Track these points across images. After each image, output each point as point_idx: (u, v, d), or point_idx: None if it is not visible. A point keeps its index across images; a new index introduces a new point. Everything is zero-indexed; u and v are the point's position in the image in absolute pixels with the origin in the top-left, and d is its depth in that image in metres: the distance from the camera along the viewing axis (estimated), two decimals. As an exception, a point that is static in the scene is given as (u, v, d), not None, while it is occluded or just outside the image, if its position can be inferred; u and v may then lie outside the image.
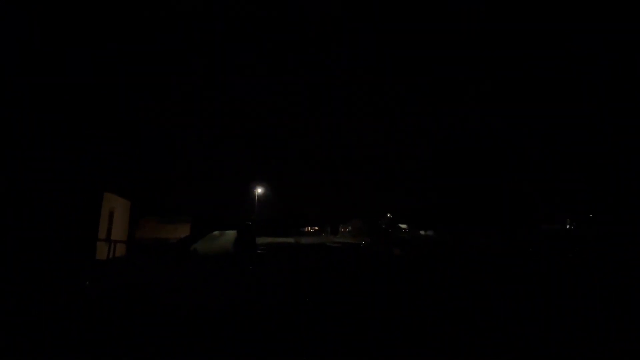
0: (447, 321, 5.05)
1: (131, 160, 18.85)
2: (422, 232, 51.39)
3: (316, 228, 70.52)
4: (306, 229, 66.91)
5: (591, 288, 7.43)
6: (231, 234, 6.66)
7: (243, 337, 4.25)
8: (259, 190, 36.58)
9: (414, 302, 6.33)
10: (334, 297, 6.22)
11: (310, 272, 8.92)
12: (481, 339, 4.31)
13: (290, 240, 29.58)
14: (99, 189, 11.60)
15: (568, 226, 41.67)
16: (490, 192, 38.56)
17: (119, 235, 13.76)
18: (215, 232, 7.10)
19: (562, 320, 5.10)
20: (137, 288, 4.99)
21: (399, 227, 61.52)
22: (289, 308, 5.41)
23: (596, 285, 7.70)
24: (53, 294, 6.28)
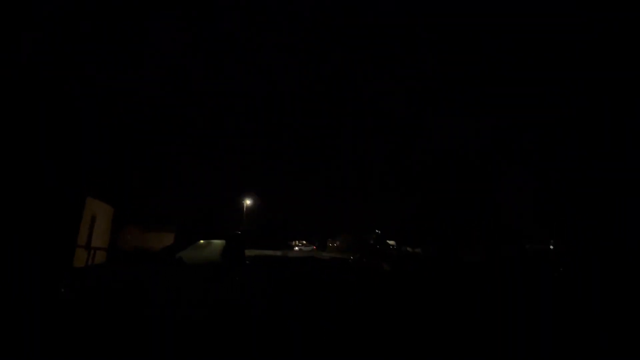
0: (437, 335, 4.92)
1: (116, 165, 18.38)
2: (409, 249, 51.48)
3: (304, 242, 69.73)
4: (294, 243, 66.07)
5: (580, 308, 7.44)
6: (218, 243, 6.43)
7: (227, 350, 4.03)
8: (248, 202, 36.15)
9: (404, 315, 6.19)
10: (323, 312, 6.02)
11: (299, 286, 8.70)
12: (472, 352, 4.20)
13: (278, 253, 29.12)
14: (82, 193, 11.18)
15: (551, 246, 42.47)
16: (476, 210, 39.21)
17: (99, 243, 13.22)
18: (202, 241, 6.86)
19: (551, 339, 5.05)
20: (116, 296, 4.71)
21: (387, 243, 61.49)
22: (276, 323, 5.19)
23: (585, 306, 7.73)
24: (25, 301, 5.88)
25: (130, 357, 3.71)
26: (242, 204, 36.07)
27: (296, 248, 53.73)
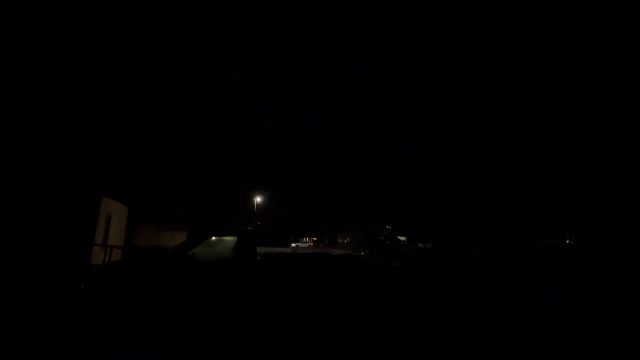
0: (450, 335, 4.93)
1: (130, 166, 18.83)
2: (420, 245, 51.07)
3: (314, 239, 69.94)
4: (304, 239, 66.36)
5: (594, 304, 7.31)
6: (229, 240, 6.55)
7: (238, 347, 4.13)
8: (258, 199, 36.47)
9: (416, 312, 6.20)
10: (335, 308, 6.07)
11: (310, 282, 8.76)
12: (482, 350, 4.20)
13: (288, 250, 29.35)
14: (98, 193, 11.52)
15: (567, 241, 41.48)
16: (489, 205, 38.58)
17: (115, 241, 13.59)
18: (213, 238, 6.99)
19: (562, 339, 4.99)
20: (133, 293, 4.87)
21: (398, 239, 61.16)
22: (288, 320, 5.28)
23: (600, 302, 7.58)
24: (46, 298, 6.14)
25: (141, 355, 3.83)
26: (253, 201, 36.43)
27: (293, 245, 52.46)
